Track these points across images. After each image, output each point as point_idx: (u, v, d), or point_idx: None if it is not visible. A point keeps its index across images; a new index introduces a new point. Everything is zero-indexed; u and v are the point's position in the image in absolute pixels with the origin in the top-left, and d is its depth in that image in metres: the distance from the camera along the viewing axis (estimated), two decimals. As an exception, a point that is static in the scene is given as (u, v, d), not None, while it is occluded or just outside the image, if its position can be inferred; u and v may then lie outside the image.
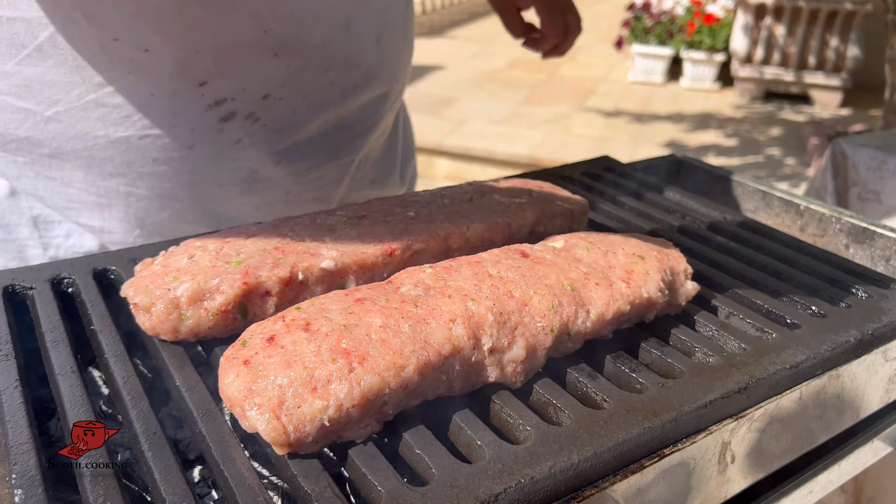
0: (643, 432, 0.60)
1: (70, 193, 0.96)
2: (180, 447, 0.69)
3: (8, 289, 0.75)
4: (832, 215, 1.11)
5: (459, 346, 0.62)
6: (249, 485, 0.53)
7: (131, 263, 0.79)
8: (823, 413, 0.77)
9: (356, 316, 0.62)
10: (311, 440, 0.55)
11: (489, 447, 0.57)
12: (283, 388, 0.55)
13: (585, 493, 0.57)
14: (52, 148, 0.91)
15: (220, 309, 0.67)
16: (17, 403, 0.60)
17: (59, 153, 0.92)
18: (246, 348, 0.60)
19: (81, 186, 0.96)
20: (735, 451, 0.69)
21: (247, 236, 0.74)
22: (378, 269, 0.75)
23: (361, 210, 0.82)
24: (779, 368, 0.69)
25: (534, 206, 0.88)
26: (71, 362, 0.65)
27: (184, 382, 0.63)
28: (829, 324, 0.77)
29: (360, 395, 0.56)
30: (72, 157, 0.92)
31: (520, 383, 0.66)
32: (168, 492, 0.52)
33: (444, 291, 0.67)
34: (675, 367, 0.70)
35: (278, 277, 0.69)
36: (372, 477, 0.54)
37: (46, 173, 0.94)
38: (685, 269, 0.79)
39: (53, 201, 0.98)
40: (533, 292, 0.69)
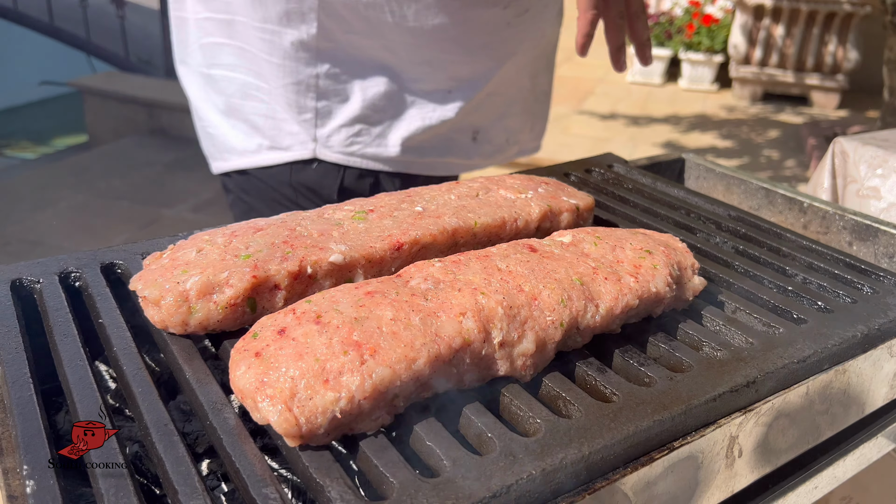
0: (653, 425, 0.60)
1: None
2: (189, 440, 0.69)
3: (16, 282, 0.75)
4: (835, 213, 1.11)
5: (470, 340, 0.63)
6: (261, 476, 0.53)
7: (139, 257, 0.80)
8: (829, 408, 0.77)
9: (367, 309, 0.62)
10: (323, 432, 0.55)
11: (500, 439, 0.57)
12: (294, 380, 0.56)
13: (596, 486, 0.57)
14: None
15: (229, 302, 0.67)
16: (28, 395, 0.60)
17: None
18: (257, 340, 0.60)
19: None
20: (742, 445, 0.69)
21: (255, 230, 0.74)
22: (386, 263, 0.75)
23: (369, 205, 0.82)
24: (786, 363, 0.70)
25: (540, 202, 0.88)
26: (80, 355, 0.65)
27: (193, 375, 0.63)
28: (836, 319, 0.77)
29: (372, 387, 0.56)
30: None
31: (529, 377, 0.66)
32: (179, 482, 0.52)
33: (453, 285, 0.67)
34: (683, 361, 0.70)
35: (287, 271, 0.69)
36: (384, 468, 0.54)
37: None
38: (692, 264, 0.80)
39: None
40: (542, 286, 0.69)
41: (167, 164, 6.01)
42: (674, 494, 0.64)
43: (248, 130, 1.30)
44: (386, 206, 0.82)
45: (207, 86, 1.33)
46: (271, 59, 1.23)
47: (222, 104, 1.31)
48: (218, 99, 1.32)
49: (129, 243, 0.83)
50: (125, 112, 6.82)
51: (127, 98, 6.75)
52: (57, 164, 6.14)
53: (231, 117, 1.31)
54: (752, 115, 7.00)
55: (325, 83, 1.24)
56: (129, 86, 6.90)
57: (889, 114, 4.99)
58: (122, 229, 4.74)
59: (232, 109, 1.30)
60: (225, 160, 1.35)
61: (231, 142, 1.32)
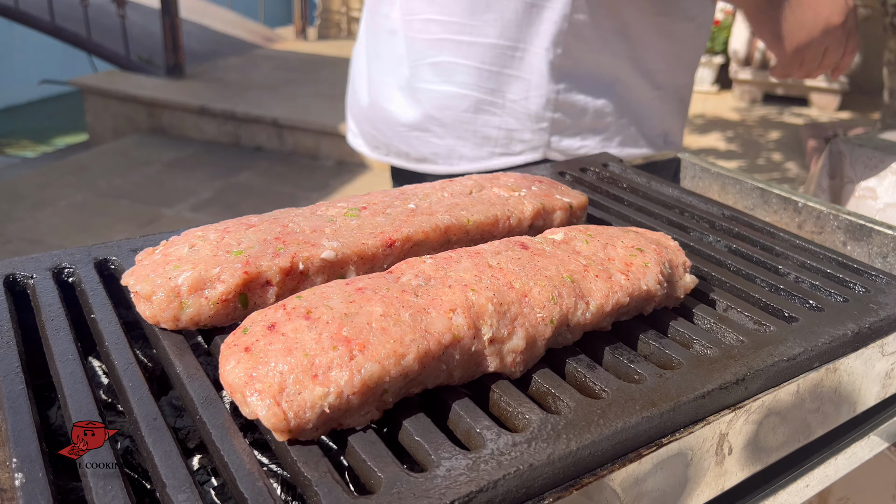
0: (641, 421, 0.61)
1: None
2: (179, 436, 0.69)
3: (8, 278, 0.75)
4: (830, 212, 1.12)
5: (459, 336, 0.63)
6: (249, 470, 0.53)
7: (132, 253, 0.80)
8: (820, 406, 0.77)
9: (357, 304, 0.62)
10: (312, 427, 0.56)
11: (488, 435, 0.57)
12: (283, 375, 0.56)
13: (584, 481, 0.57)
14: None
15: (220, 298, 0.67)
16: (19, 389, 0.60)
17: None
18: (247, 335, 0.60)
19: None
20: (732, 443, 0.69)
21: (247, 227, 0.74)
22: (378, 260, 0.75)
23: (362, 202, 0.82)
24: (776, 360, 0.70)
25: (533, 199, 0.88)
26: (72, 350, 0.65)
27: (184, 370, 0.63)
28: (827, 317, 0.78)
29: (361, 382, 0.57)
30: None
31: (519, 373, 0.67)
32: (168, 476, 0.52)
33: (444, 282, 0.67)
34: (673, 359, 0.70)
35: (279, 267, 0.70)
36: (371, 463, 0.54)
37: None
38: (684, 262, 0.80)
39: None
40: (533, 283, 0.69)
41: (167, 164, 6.02)
42: (663, 491, 0.65)
43: (479, 141, 1.44)
44: (379, 203, 0.82)
45: (427, 101, 1.44)
46: (512, 74, 1.38)
47: (448, 119, 1.43)
48: (442, 114, 1.43)
49: (123, 239, 0.83)
50: (125, 111, 6.83)
51: (127, 97, 6.76)
52: (57, 163, 6.15)
53: (459, 129, 1.44)
54: (753, 117, 7.00)
55: (562, 97, 1.38)
56: (129, 85, 6.91)
57: (889, 115, 4.99)
58: (122, 228, 4.74)
59: (459, 122, 1.43)
60: (453, 165, 1.48)
61: (460, 150, 1.45)
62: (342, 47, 9.25)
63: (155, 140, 6.55)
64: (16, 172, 6.28)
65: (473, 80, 1.40)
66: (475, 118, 1.43)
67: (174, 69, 7.35)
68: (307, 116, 6.37)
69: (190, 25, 8.83)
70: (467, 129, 1.44)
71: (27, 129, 9.29)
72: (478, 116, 1.42)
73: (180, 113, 6.65)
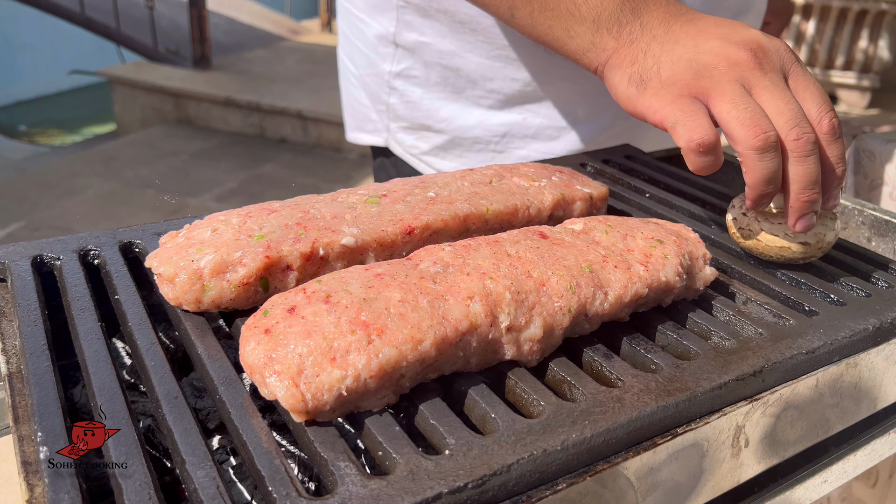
0: (657, 410, 0.61)
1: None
2: (200, 416, 0.71)
3: (36, 259, 0.77)
4: (854, 207, 1.10)
5: (477, 323, 0.63)
6: (267, 449, 0.54)
7: (156, 237, 0.81)
8: (840, 402, 0.77)
9: (375, 290, 0.63)
10: (329, 409, 0.56)
11: (503, 420, 0.58)
12: (302, 357, 0.57)
13: (597, 468, 0.58)
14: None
15: (242, 281, 0.68)
16: (45, 366, 0.61)
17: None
18: (267, 318, 0.61)
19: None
20: (749, 436, 0.69)
21: (269, 212, 0.75)
22: (397, 247, 0.76)
23: (382, 189, 0.83)
24: (795, 353, 0.69)
25: (553, 190, 0.88)
26: (96, 330, 0.66)
27: (205, 351, 0.64)
28: (848, 312, 0.77)
29: (378, 366, 0.57)
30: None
31: (535, 362, 0.67)
32: (188, 453, 0.53)
33: (462, 269, 0.67)
34: (690, 350, 0.70)
35: (300, 252, 0.70)
36: (387, 445, 0.55)
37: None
38: (704, 254, 0.80)
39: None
40: (551, 273, 0.69)
41: (193, 154, 6.08)
42: (678, 482, 0.65)
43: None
44: (399, 191, 0.82)
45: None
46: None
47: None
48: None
49: (148, 223, 0.84)
50: (153, 102, 6.91)
51: (155, 88, 6.83)
52: (85, 153, 6.24)
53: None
54: (780, 114, 6.91)
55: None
56: (156, 76, 6.98)
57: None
58: (148, 217, 4.81)
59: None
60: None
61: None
62: (367, 40, 9.26)
63: (181, 131, 6.62)
64: (45, 161, 6.38)
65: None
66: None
67: (201, 61, 7.41)
68: (332, 109, 6.39)
69: (217, 17, 8.89)
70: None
71: (56, 118, 9.43)
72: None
73: (206, 104, 6.71)
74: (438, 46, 1.21)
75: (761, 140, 0.73)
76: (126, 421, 0.56)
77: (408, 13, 1.21)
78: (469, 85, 1.24)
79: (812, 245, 0.82)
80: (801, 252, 0.83)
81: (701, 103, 0.78)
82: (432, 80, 1.26)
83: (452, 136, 1.29)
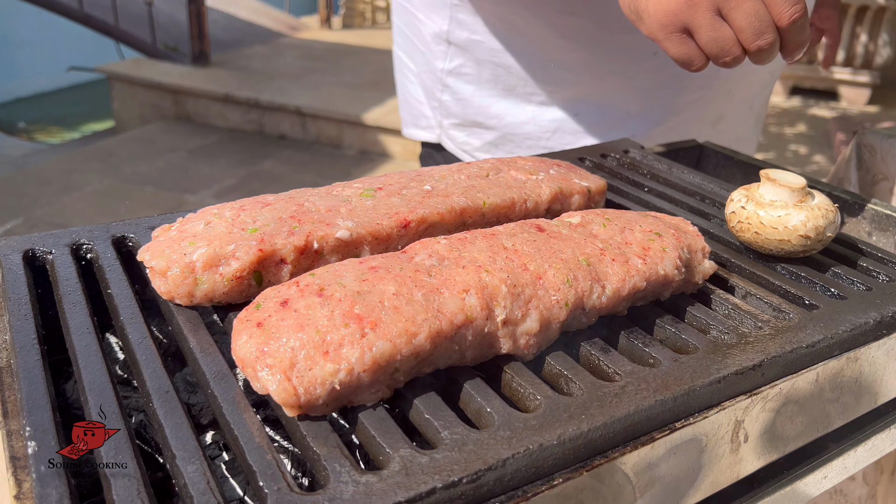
0: (654, 405, 0.60)
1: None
2: (193, 412, 0.70)
3: (28, 253, 0.76)
4: (855, 202, 1.09)
5: (472, 317, 0.62)
6: (259, 444, 0.53)
7: (149, 231, 0.80)
8: (840, 396, 0.76)
9: (370, 283, 0.62)
10: (322, 403, 0.56)
11: (499, 414, 0.57)
12: (294, 351, 0.56)
13: (594, 463, 0.57)
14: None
15: (235, 275, 0.67)
16: (35, 360, 0.60)
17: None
18: (259, 311, 0.60)
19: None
20: (748, 431, 0.68)
21: (263, 205, 0.74)
22: (393, 240, 0.75)
23: (378, 183, 0.82)
24: (795, 347, 0.69)
25: (551, 183, 0.88)
26: (87, 324, 0.66)
27: (198, 345, 0.64)
28: (849, 306, 0.76)
29: (372, 360, 0.56)
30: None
31: (532, 356, 0.66)
32: (178, 448, 0.52)
33: (458, 262, 0.67)
34: (689, 344, 0.69)
35: (293, 245, 0.70)
36: (381, 440, 0.54)
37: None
38: (703, 247, 0.79)
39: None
40: (548, 266, 0.69)
41: (191, 151, 6.07)
42: (676, 477, 0.64)
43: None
44: (395, 184, 0.82)
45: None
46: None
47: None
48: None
49: (141, 217, 0.83)
50: (151, 98, 6.89)
51: (153, 84, 6.81)
52: (84, 149, 6.22)
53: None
54: (780, 110, 6.91)
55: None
56: (155, 72, 6.96)
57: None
58: (146, 214, 4.77)
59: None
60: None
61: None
62: (366, 36, 9.25)
63: (180, 127, 6.60)
64: (43, 158, 6.36)
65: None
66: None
67: (199, 57, 7.39)
68: (331, 105, 6.37)
69: (215, 14, 8.87)
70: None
71: (55, 115, 9.41)
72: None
73: (205, 101, 6.69)
74: (490, 44, 1.24)
75: (730, 60, 0.84)
76: (116, 416, 0.55)
77: (461, 11, 1.23)
78: (520, 82, 1.26)
79: (812, 239, 0.82)
80: (800, 245, 0.82)
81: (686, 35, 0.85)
82: (484, 77, 1.28)
83: (504, 133, 1.31)
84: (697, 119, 1.33)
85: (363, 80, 7.08)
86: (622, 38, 1.21)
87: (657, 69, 1.25)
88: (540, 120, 1.29)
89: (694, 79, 1.27)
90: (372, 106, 6.29)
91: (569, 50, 1.22)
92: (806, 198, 0.83)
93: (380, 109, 6.21)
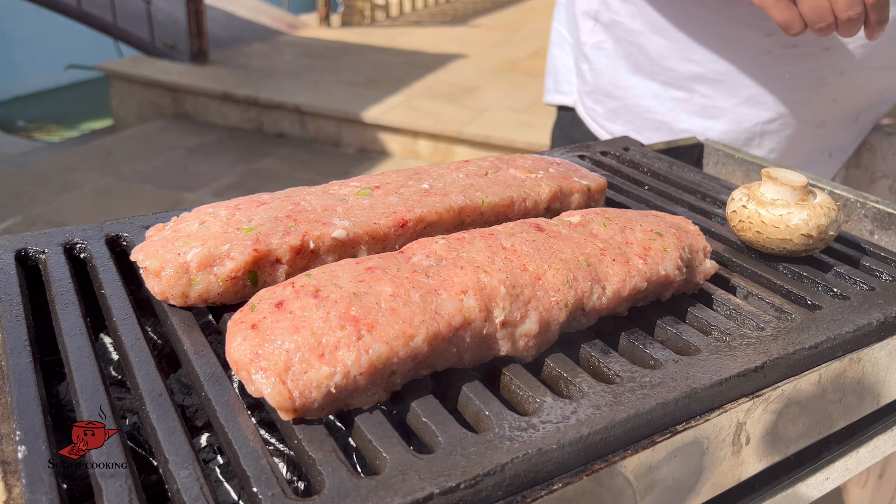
0: (655, 408, 0.59)
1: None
2: (187, 414, 0.69)
3: (20, 252, 0.75)
4: (857, 200, 1.09)
5: (470, 318, 0.61)
6: (253, 448, 0.52)
7: (143, 230, 0.79)
8: (843, 398, 0.75)
9: (366, 284, 0.61)
10: (317, 406, 0.55)
11: (497, 418, 0.56)
12: (289, 353, 0.55)
13: (594, 467, 0.56)
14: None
15: (229, 275, 0.66)
16: (26, 362, 0.59)
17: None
18: (254, 313, 0.59)
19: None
20: (750, 433, 0.67)
21: (259, 204, 0.73)
22: (390, 240, 0.74)
23: (375, 181, 0.81)
24: (797, 348, 0.68)
25: (550, 182, 0.87)
26: (80, 325, 0.65)
27: (192, 347, 0.63)
28: (852, 306, 0.75)
29: (368, 362, 0.56)
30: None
31: (531, 357, 0.65)
32: (171, 452, 0.51)
33: (456, 263, 0.66)
34: (690, 345, 0.68)
35: (289, 245, 0.69)
36: (377, 443, 0.53)
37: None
38: (704, 247, 0.78)
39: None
40: (547, 266, 0.68)
41: (190, 149, 6.05)
42: (677, 480, 0.63)
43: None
44: (392, 182, 0.81)
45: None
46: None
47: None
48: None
49: (136, 216, 0.82)
50: (150, 96, 6.87)
51: (152, 82, 6.80)
52: (82, 148, 6.20)
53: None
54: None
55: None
56: (154, 70, 6.94)
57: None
58: (145, 212, 4.77)
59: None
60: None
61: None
62: (365, 35, 9.23)
63: (179, 125, 6.58)
64: (42, 156, 6.35)
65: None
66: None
67: (198, 55, 7.38)
68: (330, 104, 6.36)
69: (214, 11, 8.85)
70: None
71: (54, 113, 9.39)
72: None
73: (204, 99, 6.67)
74: (629, 26, 1.42)
75: (824, 26, 1.02)
76: (109, 418, 0.54)
77: None
78: (648, 62, 1.42)
79: (814, 238, 0.81)
80: (802, 244, 0.81)
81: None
82: (619, 53, 1.46)
83: (626, 103, 1.48)
84: (801, 120, 1.44)
85: (362, 79, 7.06)
86: (743, 33, 1.33)
87: (769, 65, 1.37)
88: (660, 97, 1.46)
89: (801, 82, 1.37)
90: (371, 104, 6.27)
91: (695, 38, 1.39)
92: (807, 196, 0.82)
93: (379, 107, 6.19)
